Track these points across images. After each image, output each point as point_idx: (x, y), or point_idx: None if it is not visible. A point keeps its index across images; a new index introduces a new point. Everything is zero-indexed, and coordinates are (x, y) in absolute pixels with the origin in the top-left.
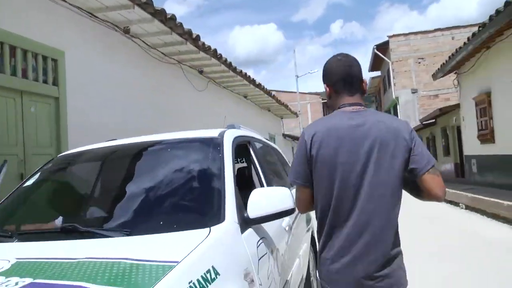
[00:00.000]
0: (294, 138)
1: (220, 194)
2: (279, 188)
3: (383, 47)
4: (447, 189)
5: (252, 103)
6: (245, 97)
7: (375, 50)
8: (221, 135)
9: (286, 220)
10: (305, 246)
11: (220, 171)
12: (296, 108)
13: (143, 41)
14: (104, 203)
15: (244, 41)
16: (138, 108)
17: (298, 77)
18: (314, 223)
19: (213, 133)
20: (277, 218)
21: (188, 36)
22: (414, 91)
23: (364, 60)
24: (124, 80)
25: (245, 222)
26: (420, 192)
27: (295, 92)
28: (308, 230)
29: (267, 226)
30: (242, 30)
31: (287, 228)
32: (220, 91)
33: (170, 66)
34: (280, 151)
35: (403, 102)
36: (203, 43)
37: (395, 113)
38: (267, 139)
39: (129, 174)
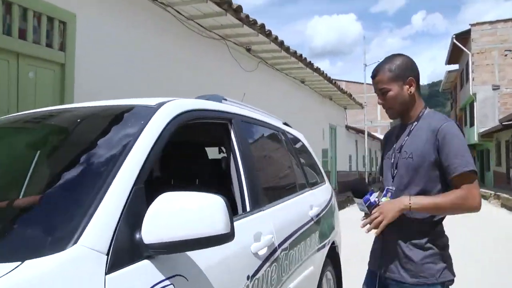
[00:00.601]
0: (359, 131)
1: (84, 198)
2: (206, 197)
3: (463, 36)
4: None
5: (311, 89)
6: (302, 82)
7: (454, 40)
8: (160, 105)
9: (266, 240)
10: (310, 272)
11: (115, 161)
12: (365, 100)
13: (176, 10)
14: None
15: (321, 31)
16: (168, 85)
17: (366, 66)
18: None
19: (148, 101)
20: (193, 249)
21: (228, 6)
22: (496, 88)
23: (443, 54)
24: (149, 53)
25: (131, 251)
26: None
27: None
28: (322, 247)
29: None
30: (321, 20)
31: (264, 252)
32: (273, 74)
33: (212, 42)
34: (305, 142)
35: (481, 100)
36: (247, 16)
37: (471, 112)
38: (286, 124)
39: None
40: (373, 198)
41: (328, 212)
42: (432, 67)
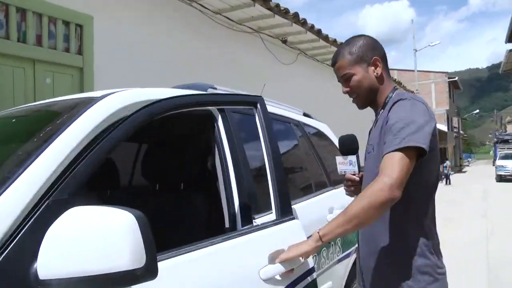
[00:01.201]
0: None
1: None
2: (113, 215)
3: None
4: None
5: None
6: None
7: None
8: (103, 97)
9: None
10: None
11: (19, 165)
12: (417, 87)
13: (201, 4)
14: None
15: (374, 21)
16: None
17: (416, 51)
18: None
19: (93, 94)
20: None
21: None
22: None
23: (504, 34)
24: (174, 51)
25: None
26: None
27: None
28: (345, 257)
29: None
30: (372, 9)
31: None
32: (314, 65)
33: (245, 35)
34: (330, 134)
35: None
36: (277, 5)
37: None
38: (307, 115)
39: None
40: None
41: None
42: (492, 49)
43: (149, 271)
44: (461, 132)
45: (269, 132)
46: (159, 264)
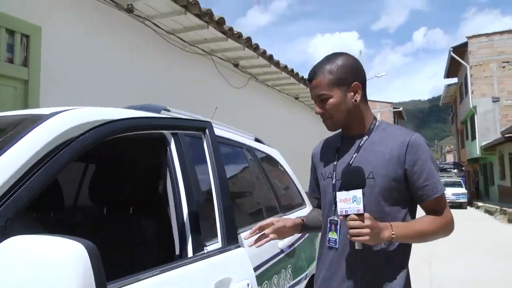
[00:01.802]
0: None
1: None
2: (60, 245)
3: (461, 49)
4: None
5: (306, 106)
6: (296, 98)
7: (452, 53)
8: (52, 114)
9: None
10: None
11: None
12: None
13: (154, 24)
14: None
15: (324, 48)
16: (146, 102)
17: None
18: None
19: (54, 110)
20: None
21: (209, 18)
22: (496, 100)
23: (444, 69)
24: (124, 68)
25: None
26: None
27: None
28: (296, 284)
29: None
30: (323, 38)
31: None
32: (265, 90)
33: (197, 57)
34: (281, 160)
35: (482, 113)
36: (231, 29)
37: (472, 125)
38: (258, 141)
39: None
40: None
41: (308, 240)
42: (434, 83)
43: None
44: None
45: (217, 158)
46: None
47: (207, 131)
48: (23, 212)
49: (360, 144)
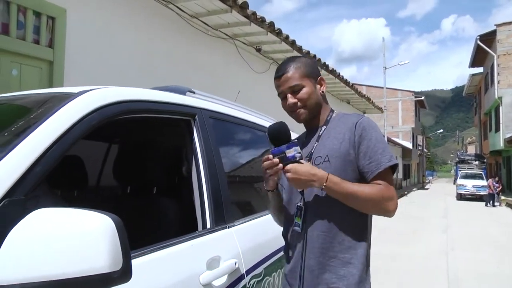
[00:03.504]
0: None
1: None
2: (87, 217)
3: (488, 38)
4: None
5: (328, 93)
6: None
7: (479, 42)
8: (81, 93)
9: (225, 266)
10: None
11: None
12: (385, 104)
13: (178, 7)
14: None
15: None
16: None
17: (386, 68)
18: None
19: (69, 89)
20: None
21: (232, 2)
22: None
23: (469, 56)
24: (147, 51)
25: None
26: None
27: (384, 88)
28: None
29: None
30: (349, 25)
31: (222, 282)
32: None
33: (220, 41)
34: None
35: (508, 103)
36: (254, 13)
37: (496, 116)
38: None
39: None
40: (291, 152)
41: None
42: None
43: (125, 274)
44: (424, 150)
45: (206, 142)
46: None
47: (197, 117)
48: (47, 189)
49: (320, 134)
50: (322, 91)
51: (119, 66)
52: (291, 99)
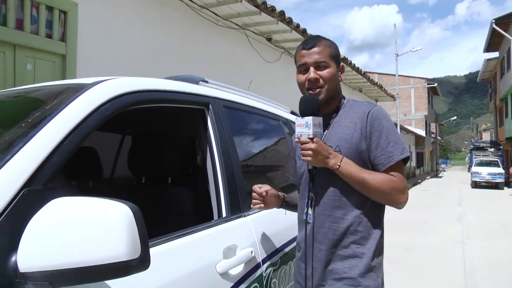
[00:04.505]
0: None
1: None
2: (106, 206)
3: (504, 21)
4: None
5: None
6: None
7: (494, 25)
8: (95, 83)
9: (241, 255)
10: None
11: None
12: (398, 91)
13: None
14: None
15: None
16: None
17: (398, 55)
18: None
19: (83, 80)
20: (85, 281)
21: None
22: None
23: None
24: (158, 43)
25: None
26: None
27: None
28: None
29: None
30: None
31: (238, 271)
32: None
33: (230, 31)
34: None
35: None
36: (264, 2)
37: None
38: (294, 113)
39: None
40: (318, 126)
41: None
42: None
43: (143, 262)
44: (438, 137)
45: (221, 131)
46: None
47: (210, 106)
48: (63, 179)
49: (330, 122)
50: (341, 79)
51: (130, 58)
52: (313, 74)
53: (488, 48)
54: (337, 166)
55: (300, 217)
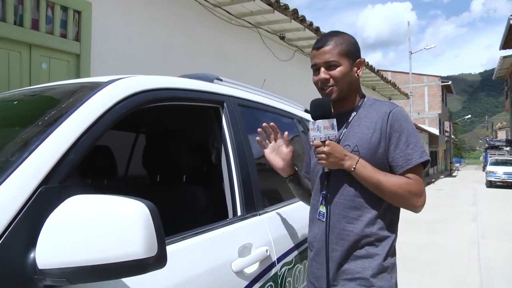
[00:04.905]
0: None
1: None
2: (122, 204)
3: None
4: None
5: None
6: None
7: (511, 22)
8: (110, 82)
9: (257, 254)
10: None
11: (20, 152)
12: (411, 90)
13: None
14: None
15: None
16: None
17: (411, 53)
18: None
19: (100, 79)
20: (103, 279)
21: None
22: None
23: (499, 39)
24: (171, 42)
25: (20, 279)
26: None
27: (410, 73)
28: None
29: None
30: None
31: (253, 270)
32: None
33: (243, 30)
34: None
35: None
36: (277, 0)
37: None
38: (308, 112)
39: None
40: (329, 129)
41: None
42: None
43: (160, 259)
44: (452, 136)
45: (235, 129)
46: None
47: (225, 104)
48: (78, 178)
49: (349, 120)
50: (358, 74)
51: (143, 57)
52: (323, 74)
53: (505, 45)
54: (353, 168)
55: (313, 215)
